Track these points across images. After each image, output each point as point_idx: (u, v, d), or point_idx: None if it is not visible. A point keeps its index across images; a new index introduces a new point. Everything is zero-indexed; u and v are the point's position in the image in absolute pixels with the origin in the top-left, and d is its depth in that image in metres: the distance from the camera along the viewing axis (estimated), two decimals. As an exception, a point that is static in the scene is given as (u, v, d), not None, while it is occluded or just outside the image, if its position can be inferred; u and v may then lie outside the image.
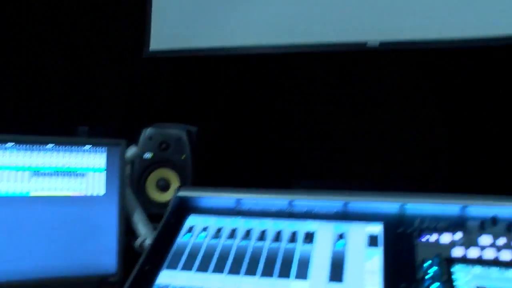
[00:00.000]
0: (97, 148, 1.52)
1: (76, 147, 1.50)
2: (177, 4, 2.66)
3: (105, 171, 1.53)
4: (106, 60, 2.67)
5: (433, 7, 2.40)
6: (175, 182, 1.90)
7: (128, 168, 1.81)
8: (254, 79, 2.62)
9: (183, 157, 1.89)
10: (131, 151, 1.86)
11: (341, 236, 1.20)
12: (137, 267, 1.22)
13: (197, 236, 1.29)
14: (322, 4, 2.51)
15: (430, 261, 1.05)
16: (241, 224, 1.30)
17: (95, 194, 1.51)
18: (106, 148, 1.52)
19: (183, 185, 1.84)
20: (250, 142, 2.45)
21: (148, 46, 2.67)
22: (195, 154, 1.91)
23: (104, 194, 1.52)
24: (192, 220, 1.36)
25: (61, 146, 1.49)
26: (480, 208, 1.15)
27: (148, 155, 1.90)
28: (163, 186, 1.92)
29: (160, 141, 1.90)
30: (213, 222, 1.34)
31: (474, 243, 1.07)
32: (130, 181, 1.83)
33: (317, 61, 2.64)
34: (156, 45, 2.67)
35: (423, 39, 2.42)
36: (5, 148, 1.43)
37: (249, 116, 2.54)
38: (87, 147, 1.51)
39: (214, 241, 1.26)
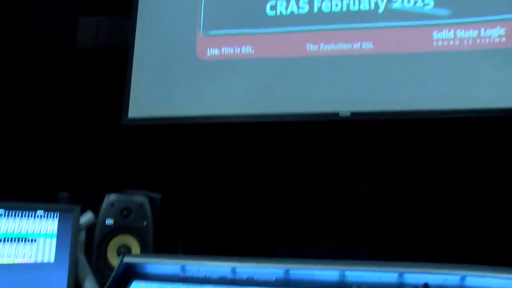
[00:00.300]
0: (49, 214, 1.53)
1: (28, 212, 1.51)
2: (153, 74, 2.74)
3: (56, 237, 1.53)
4: (82, 127, 2.74)
5: (403, 80, 2.48)
6: (136, 249, 1.89)
7: (82, 235, 1.80)
8: (225, 148, 2.67)
9: (144, 223, 1.89)
10: (87, 217, 1.87)
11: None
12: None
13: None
14: (295, 75, 2.60)
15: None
16: (182, 291, 1.28)
17: (45, 261, 1.50)
18: (58, 213, 1.53)
19: (144, 251, 1.83)
20: (218, 209, 2.46)
21: (127, 113, 2.74)
22: (156, 221, 1.91)
23: (55, 261, 1.51)
24: (135, 287, 1.35)
25: (12, 211, 1.50)
26: (415, 276, 1.14)
27: (109, 221, 1.90)
28: (124, 252, 1.90)
29: (122, 207, 1.91)
30: (155, 289, 1.32)
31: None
32: (85, 248, 1.82)
33: (291, 130, 2.70)
34: (134, 113, 2.74)
35: (393, 110, 2.48)
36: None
37: (218, 184, 2.56)
38: (40, 212, 1.52)
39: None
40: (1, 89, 2.87)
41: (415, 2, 2.52)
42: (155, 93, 2.72)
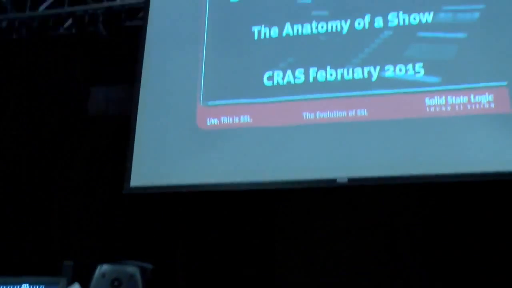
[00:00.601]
0: (35, 287, 1.55)
1: (13, 286, 1.54)
2: (155, 143, 2.82)
3: (42, 310, 1.54)
4: (82, 197, 2.81)
5: (398, 145, 2.52)
6: (126, 321, 1.88)
7: (70, 306, 1.81)
8: (223, 217, 2.69)
9: (134, 295, 1.88)
10: (74, 289, 1.88)
11: None
12: None
13: None
14: (293, 143, 2.65)
15: None
16: None
17: (31, 333, 1.51)
18: (44, 286, 1.56)
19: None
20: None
21: (129, 182, 2.80)
22: (148, 292, 1.91)
23: (39, 334, 1.52)
24: None
25: (-2, 285, 1.53)
26: None
27: (100, 293, 1.90)
28: (115, 325, 1.89)
29: (113, 278, 1.91)
30: None
31: None
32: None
33: (289, 198, 2.72)
34: (136, 182, 2.80)
35: (389, 175, 2.50)
36: None
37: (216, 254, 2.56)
38: (25, 286, 1.55)
39: None
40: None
41: (407, 70, 2.59)
42: (156, 162, 2.80)
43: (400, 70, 2.61)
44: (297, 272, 2.58)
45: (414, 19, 2.68)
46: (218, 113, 2.77)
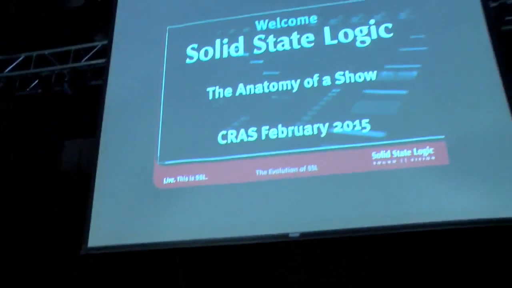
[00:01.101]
0: None
1: None
2: (113, 202, 2.86)
3: None
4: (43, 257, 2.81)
5: (347, 199, 2.60)
6: None
7: None
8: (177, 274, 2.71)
9: None
10: None
11: None
12: None
13: None
14: (246, 200, 2.71)
15: None
16: None
17: None
18: None
19: None
20: None
21: (87, 243, 2.81)
22: None
23: None
24: None
25: None
26: None
27: None
28: None
29: None
30: None
31: None
32: None
33: (242, 254, 2.76)
34: (94, 242, 2.82)
35: (339, 229, 2.57)
36: None
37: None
38: None
39: None
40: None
41: (354, 126, 2.72)
42: (115, 221, 2.82)
43: (348, 126, 2.72)
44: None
45: (360, 77, 2.83)
46: (175, 172, 2.83)
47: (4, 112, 4.32)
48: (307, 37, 3.02)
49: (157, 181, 2.84)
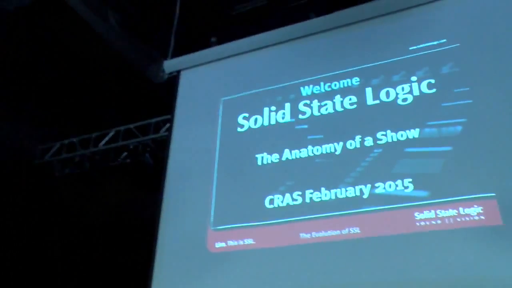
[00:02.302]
0: None
1: None
2: (170, 266, 3.07)
3: None
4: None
5: (390, 261, 2.54)
6: None
7: None
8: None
9: None
10: None
11: None
12: None
13: None
14: (290, 262, 2.76)
15: None
16: None
17: None
18: None
19: None
20: None
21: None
22: None
23: None
24: None
25: None
26: None
27: None
28: None
29: None
30: None
31: None
32: None
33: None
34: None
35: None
36: None
37: None
38: None
39: None
40: None
41: (396, 186, 2.68)
42: (172, 284, 3.02)
43: (390, 186, 2.70)
44: None
45: (402, 135, 2.80)
46: (225, 237, 2.99)
47: (99, 182, 4.88)
48: (349, 99, 3.07)
49: (210, 245, 3.00)
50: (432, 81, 2.89)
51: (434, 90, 2.86)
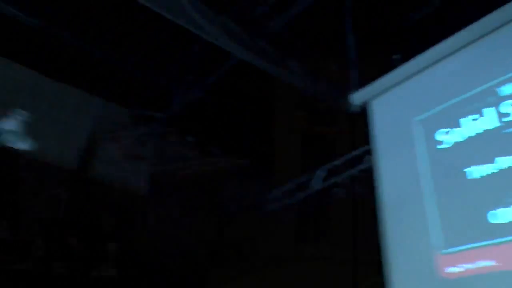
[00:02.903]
0: None
1: None
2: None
3: None
4: None
5: None
6: None
7: None
8: None
9: None
10: None
11: None
12: None
13: None
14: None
15: None
16: None
17: None
18: None
19: None
20: None
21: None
22: None
23: None
24: None
25: None
26: None
27: None
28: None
29: None
30: None
31: None
32: None
33: None
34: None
35: None
36: None
37: None
38: None
39: None
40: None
41: None
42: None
43: None
44: None
45: None
46: (458, 260, 2.89)
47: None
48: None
49: (441, 271, 2.95)
50: None
51: None
